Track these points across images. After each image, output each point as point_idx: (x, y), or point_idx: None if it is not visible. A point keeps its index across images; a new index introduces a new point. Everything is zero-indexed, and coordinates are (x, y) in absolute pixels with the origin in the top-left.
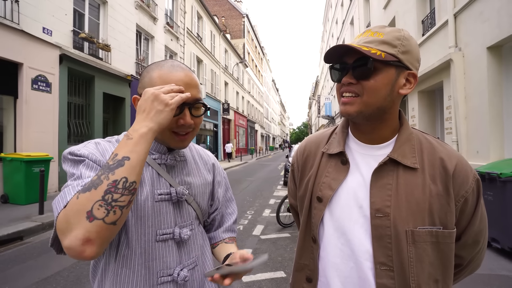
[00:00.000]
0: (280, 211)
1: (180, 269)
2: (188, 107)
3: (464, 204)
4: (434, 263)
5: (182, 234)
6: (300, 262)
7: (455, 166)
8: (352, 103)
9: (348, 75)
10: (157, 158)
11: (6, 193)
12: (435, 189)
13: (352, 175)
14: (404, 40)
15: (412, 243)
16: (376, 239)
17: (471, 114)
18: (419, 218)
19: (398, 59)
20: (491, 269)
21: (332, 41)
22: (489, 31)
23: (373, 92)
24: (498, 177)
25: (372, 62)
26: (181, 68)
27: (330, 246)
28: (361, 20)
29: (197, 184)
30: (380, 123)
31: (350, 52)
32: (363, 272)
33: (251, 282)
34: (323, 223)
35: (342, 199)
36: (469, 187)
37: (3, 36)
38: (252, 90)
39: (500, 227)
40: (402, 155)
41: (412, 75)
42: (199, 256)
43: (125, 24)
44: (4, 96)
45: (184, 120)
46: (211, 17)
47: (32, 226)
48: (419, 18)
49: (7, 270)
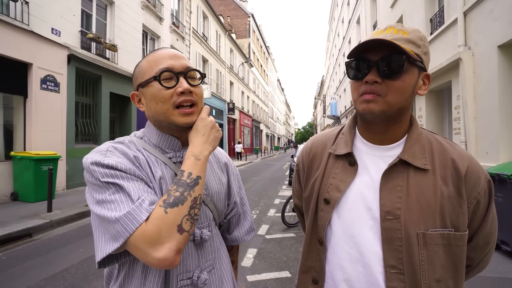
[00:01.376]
0: (285, 211)
1: (199, 272)
2: (182, 76)
3: (476, 206)
4: (445, 265)
5: (203, 235)
6: (306, 264)
7: (467, 167)
8: (376, 102)
9: (373, 73)
10: (172, 156)
11: (16, 190)
12: (446, 191)
13: (361, 177)
14: (425, 41)
15: (423, 246)
16: (386, 242)
17: (480, 114)
18: (430, 220)
19: (421, 60)
20: (500, 272)
21: (338, 40)
22: (500, 30)
23: (400, 93)
24: (508, 179)
25: (405, 60)
26: (164, 48)
27: (338, 248)
28: (368, 19)
29: (213, 184)
30: (395, 124)
31: (377, 47)
32: (373, 276)
33: (256, 282)
34: (331, 226)
35: (350, 201)
36: (481, 188)
37: (13, 36)
38: (257, 90)
39: (510, 229)
40: (413, 156)
41: (427, 77)
42: (216, 258)
43: (132, 24)
44: (14, 95)
45: (181, 87)
46: (216, 17)
47: (41, 223)
48: (427, 16)
49: (16, 266)
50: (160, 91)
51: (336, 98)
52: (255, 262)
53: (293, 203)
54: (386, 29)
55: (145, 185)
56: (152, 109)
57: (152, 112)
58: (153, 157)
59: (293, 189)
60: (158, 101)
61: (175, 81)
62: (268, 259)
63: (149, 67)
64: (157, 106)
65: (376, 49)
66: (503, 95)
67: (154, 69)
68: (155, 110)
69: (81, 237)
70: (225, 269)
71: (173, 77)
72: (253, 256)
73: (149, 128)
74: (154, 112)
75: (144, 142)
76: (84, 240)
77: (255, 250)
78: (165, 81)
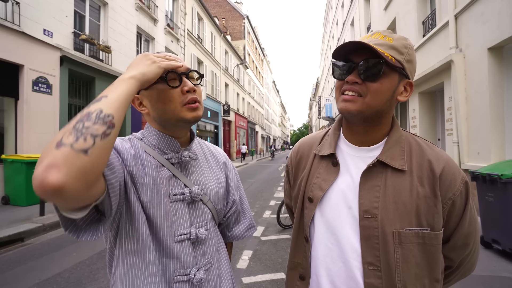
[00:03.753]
0: (280, 212)
1: (196, 270)
2: (185, 76)
3: (452, 207)
4: (420, 263)
5: (199, 234)
6: (293, 261)
7: (442, 168)
8: (354, 101)
9: (354, 74)
10: (171, 157)
11: (7, 194)
12: (422, 191)
13: (342, 177)
14: (410, 49)
15: (398, 244)
16: (364, 240)
17: (472, 115)
18: (406, 220)
19: (403, 67)
20: (492, 270)
21: (333, 42)
22: (490, 32)
23: (377, 95)
24: (499, 179)
25: (383, 64)
26: (160, 52)
27: (321, 245)
28: (362, 21)
29: (212, 184)
30: (375, 126)
31: (360, 50)
32: (352, 272)
33: (251, 284)
34: (314, 223)
35: (332, 200)
36: (456, 189)
37: (4, 38)
38: (252, 92)
39: (501, 228)
40: (391, 157)
41: (409, 84)
42: (214, 257)
43: (126, 25)
44: (5, 97)
45: (187, 86)
46: (211, 18)
47: (33, 227)
48: (419, 19)
49: (8, 271)
50: (167, 91)
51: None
52: (251, 264)
53: (285, 203)
54: (374, 34)
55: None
56: (159, 109)
57: (159, 112)
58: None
59: (285, 189)
60: (166, 100)
61: (179, 82)
62: (263, 260)
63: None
64: (165, 105)
65: (360, 52)
66: (493, 96)
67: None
68: (164, 109)
69: (74, 241)
70: (224, 268)
71: (176, 77)
72: (248, 258)
73: (149, 130)
74: (162, 112)
75: (143, 143)
76: (77, 244)
77: (251, 252)
78: (170, 82)
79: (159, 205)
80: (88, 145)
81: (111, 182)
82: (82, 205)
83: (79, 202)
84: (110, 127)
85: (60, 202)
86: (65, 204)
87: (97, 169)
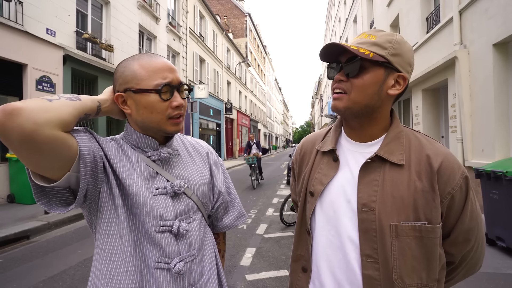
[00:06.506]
0: (283, 210)
1: (178, 261)
2: (176, 89)
3: (451, 201)
4: (417, 257)
5: (181, 228)
6: (296, 253)
7: (441, 163)
8: (341, 99)
9: (340, 73)
10: (152, 154)
11: (13, 193)
12: (420, 186)
13: (342, 171)
14: (395, 43)
15: (395, 237)
16: (362, 232)
17: (476, 112)
18: (403, 213)
19: (387, 61)
20: (496, 267)
21: (335, 39)
22: (495, 28)
23: (360, 90)
24: (504, 176)
25: (359, 60)
26: (157, 56)
27: (321, 238)
28: (364, 18)
29: (195, 177)
30: (369, 121)
31: (343, 51)
32: (350, 263)
33: (255, 281)
34: (315, 216)
35: (332, 194)
36: (455, 184)
37: (8, 37)
38: (254, 89)
39: (506, 225)
40: (389, 152)
41: (401, 77)
42: (198, 249)
43: (128, 24)
44: (9, 97)
45: (176, 101)
46: (213, 16)
47: (38, 225)
48: (423, 15)
49: (14, 269)
50: (158, 103)
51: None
52: (254, 261)
53: (291, 198)
54: (360, 35)
55: (90, 140)
56: (144, 116)
57: (143, 118)
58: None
59: (291, 185)
60: (154, 111)
61: (170, 95)
62: (266, 258)
63: (148, 76)
64: (151, 115)
65: (345, 52)
66: (498, 93)
67: (153, 79)
68: (149, 118)
69: (79, 239)
70: (207, 261)
71: (169, 90)
72: (251, 255)
73: (128, 131)
74: (146, 119)
75: (125, 143)
76: (82, 241)
77: (254, 249)
78: (162, 94)
79: (140, 193)
80: (53, 98)
81: (83, 151)
82: (49, 161)
83: (40, 142)
84: (76, 99)
85: (18, 131)
86: (24, 136)
87: (55, 117)
